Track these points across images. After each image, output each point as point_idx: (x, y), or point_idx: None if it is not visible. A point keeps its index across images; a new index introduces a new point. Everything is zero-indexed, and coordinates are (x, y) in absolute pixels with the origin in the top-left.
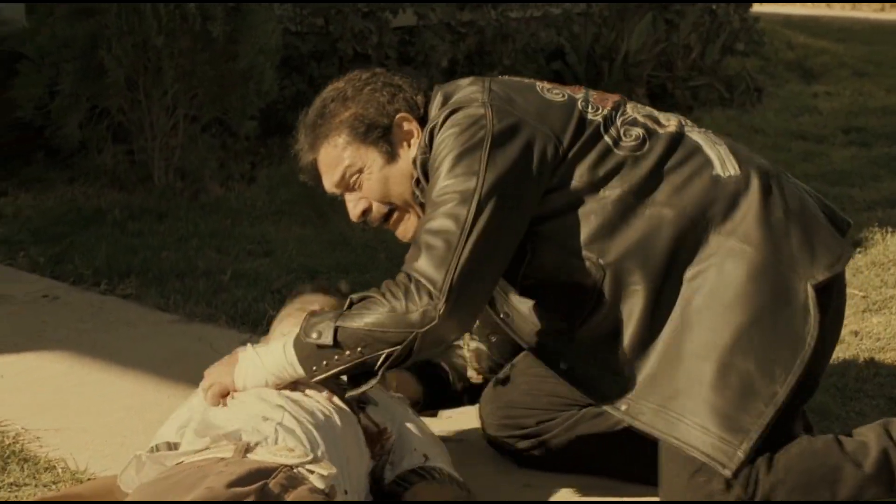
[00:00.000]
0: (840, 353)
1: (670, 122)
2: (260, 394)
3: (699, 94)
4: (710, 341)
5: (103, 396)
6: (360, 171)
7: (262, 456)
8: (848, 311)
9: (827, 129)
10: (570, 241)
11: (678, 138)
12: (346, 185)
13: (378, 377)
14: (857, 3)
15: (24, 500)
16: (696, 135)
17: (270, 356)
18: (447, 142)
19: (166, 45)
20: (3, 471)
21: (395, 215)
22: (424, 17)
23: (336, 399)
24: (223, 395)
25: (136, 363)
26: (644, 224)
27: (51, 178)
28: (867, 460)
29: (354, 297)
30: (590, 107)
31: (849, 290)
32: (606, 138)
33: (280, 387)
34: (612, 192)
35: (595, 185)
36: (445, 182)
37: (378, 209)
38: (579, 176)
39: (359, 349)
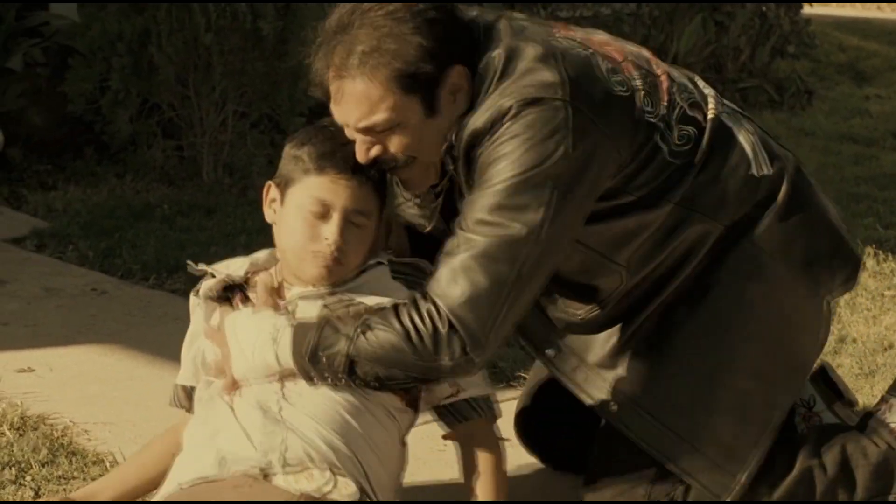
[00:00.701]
0: (891, 358)
1: (709, 105)
2: (259, 398)
3: (749, 97)
4: (716, 357)
5: (151, 390)
6: (396, 125)
7: (281, 483)
8: None
9: (878, 132)
10: (604, 247)
11: (721, 132)
12: (371, 132)
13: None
14: None
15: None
16: (732, 122)
17: (264, 358)
18: (516, 147)
19: (216, 43)
20: (51, 464)
21: (413, 166)
22: None
23: None
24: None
25: None
26: (684, 238)
27: (100, 173)
28: (780, 485)
29: (371, 319)
30: (649, 103)
31: None
32: (663, 147)
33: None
34: (658, 204)
35: (645, 199)
36: (506, 200)
37: (395, 158)
38: (632, 189)
39: (374, 383)
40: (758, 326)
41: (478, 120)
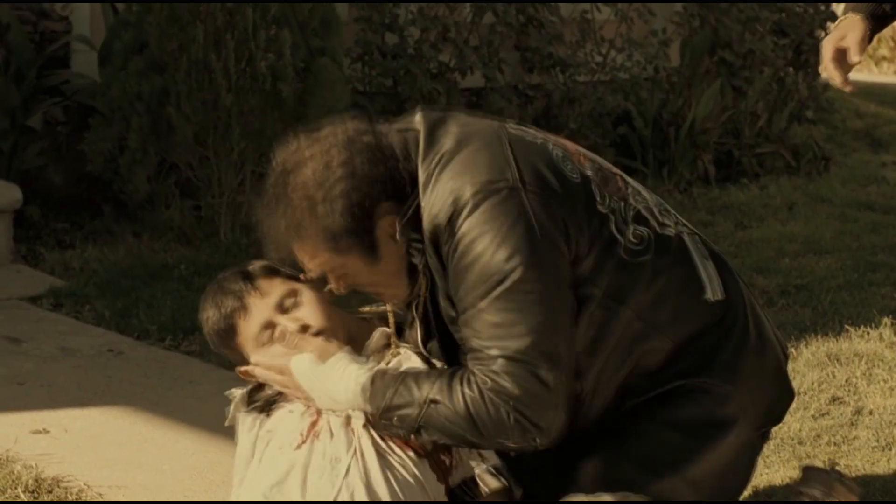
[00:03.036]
0: None
1: (666, 219)
2: (335, 448)
3: (766, 162)
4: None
5: (166, 454)
6: (344, 274)
7: None
8: None
9: (895, 200)
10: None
11: (679, 249)
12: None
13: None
14: None
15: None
16: (690, 244)
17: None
18: (486, 248)
19: (235, 104)
20: None
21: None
22: (492, 80)
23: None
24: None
25: (199, 421)
26: (634, 350)
27: (118, 232)
28: None
29: (440, 394)
30: (598, 194)
31: None
32: (620, 240)
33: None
34: (617, 309)
35: (606, 298)
36: (502, 311)
37: None
38: (597, 281)
39: (434, 441)
40: (704, 450)
41: (435, 210)
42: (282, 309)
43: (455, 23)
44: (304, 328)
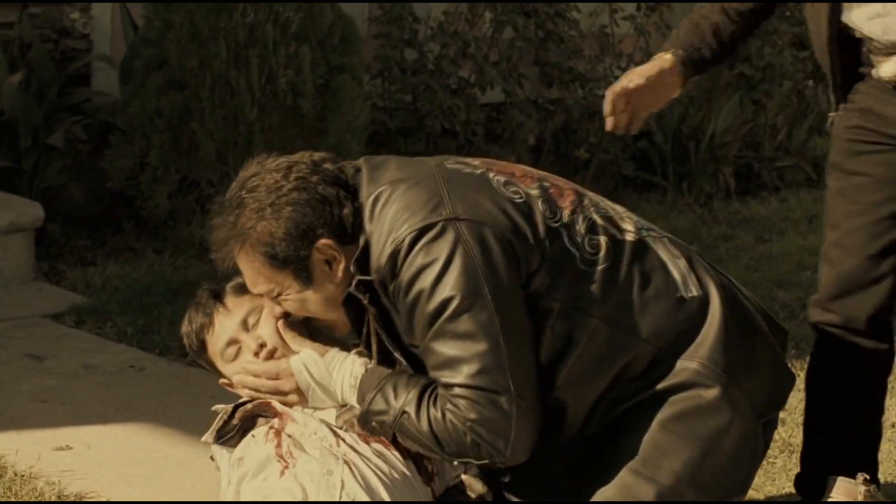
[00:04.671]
0: None
1: (626, 224)
2: (322, 464)
3: (786, 175)
4: (659, 464)
5: (189, 471)
6: (279, 293)
7: None
8: None
9: None
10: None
11: (642, 252)
12: (267, 297)
13: None
14: None
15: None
16: (656, 244)
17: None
18: (430, 286)
19: (257, 120)
20: None
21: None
22: (512, 95)
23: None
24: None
25: None
26: (610, 358)
27: (139, 249)
28: None
29: (411, 405)
30: (549, 209)
31: None
32: (574, 252)
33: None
34: (580, 317)
35: (567, 310)
36: (451, 345)
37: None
38: (554, 294)
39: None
40: (699, 442)
41: (377, 252)
42: (246, 326)
43: (474, 38)
44: (261, 346)
